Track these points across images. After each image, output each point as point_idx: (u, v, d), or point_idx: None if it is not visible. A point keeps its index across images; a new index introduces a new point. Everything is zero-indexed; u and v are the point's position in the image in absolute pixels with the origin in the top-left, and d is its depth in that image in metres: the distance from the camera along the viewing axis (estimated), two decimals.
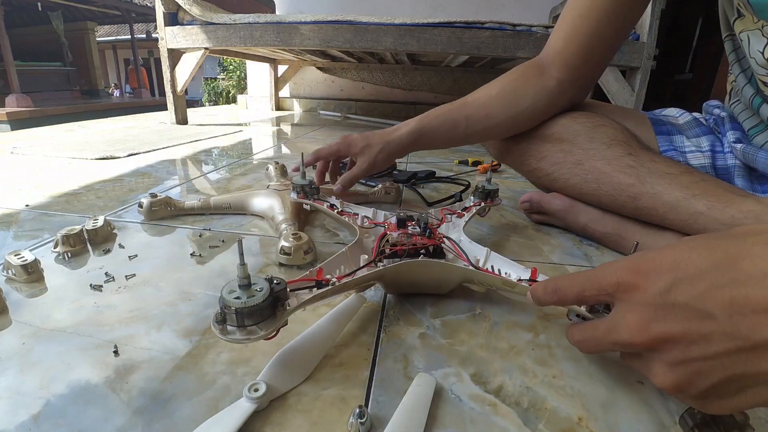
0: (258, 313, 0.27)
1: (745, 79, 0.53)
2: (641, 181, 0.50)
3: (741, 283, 0.19)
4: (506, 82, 0.60)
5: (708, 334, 0.20)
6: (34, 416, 0.26)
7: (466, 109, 0.60)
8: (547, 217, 0.65)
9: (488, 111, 0.59)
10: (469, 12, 2.33)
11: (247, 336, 0.26)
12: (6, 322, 0.36)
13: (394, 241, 0.41)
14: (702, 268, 0.21)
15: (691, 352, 0.20)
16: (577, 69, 0.57)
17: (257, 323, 0.27)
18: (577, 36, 0.55)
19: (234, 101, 4.33)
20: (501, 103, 0.59)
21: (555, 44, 0.58)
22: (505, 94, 0.59)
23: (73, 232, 0.50)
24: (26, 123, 3.62)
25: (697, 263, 0.21)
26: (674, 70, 3.14)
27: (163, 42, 1.60)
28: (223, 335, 0.26)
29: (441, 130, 0.60)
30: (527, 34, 1.35)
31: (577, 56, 0.56)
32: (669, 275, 0.21)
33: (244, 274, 0.27)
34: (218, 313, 0.27)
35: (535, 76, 0.59)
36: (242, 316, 0.26)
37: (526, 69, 0.60)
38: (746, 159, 0.53)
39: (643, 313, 0.22)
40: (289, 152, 1.26)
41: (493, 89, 0.60)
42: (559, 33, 0.57)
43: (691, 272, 0.21)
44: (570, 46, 0.56)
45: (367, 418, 0.26)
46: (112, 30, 9.59)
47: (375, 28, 1.40)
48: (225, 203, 0.64)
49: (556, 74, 0.57)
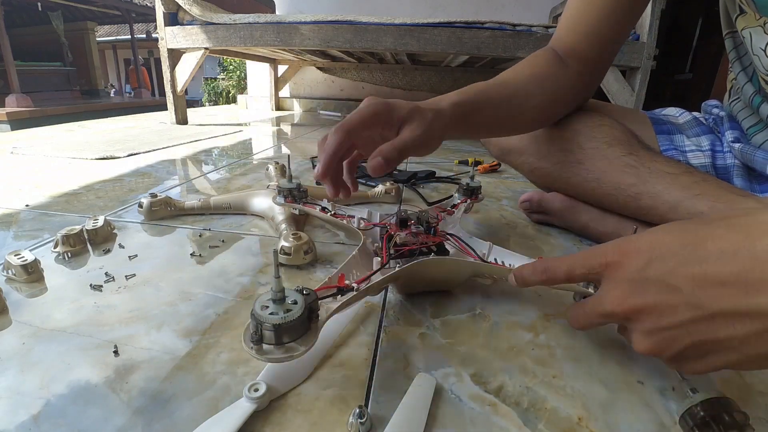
0: (296, 329, 0.25)
1: (745, 78, 0.53)
2: (642, 180, 0.50)
3: (703, 261, 0.22)
4: (535, 65, 0.52)
5: (675, 305, 0.23)
6: (34, 416, 0.26)
7: (505, 88, 0.49)
8: (547, 216, 0.65)
9: (527, 92, 0.50)
10: (469, 12, 2.33)
11: (287, 354, 0.25)
12: (6, 322, 0.36)
13: (402, 241, 0.41)
14: (673, 248, 0.23)
15: (661, 321, 0.23)
16: (592, 62, 0.53)
17: (295, 339, 0.25)
18: (589, 26, 0.51)
19: (234, 101, 4.34)
20: (538, 84, 0.51)
21: (568, 37, 0.53)
22: (540, 76, 0.51)
23: (73, 232, 0.50)
24: (26, 123, 3.62)
25: (669, 244, 0.24)
26: (674, 70, 3.14)
27: (163, 42, 1.60)
28: (260, 356, 0.24)
29: (485, 110, 0.47)
30: (527, 34, 1.35)
31: (591, 49, 0.52)
32: (646, 255, 0.24)
33: (278, 287, 0.25)
34: (253, 333, 0.24)
35: (559, 66, 0.52)
36: (280, 332, 0.24)
37: (549, 55, 0.53)
38: (744, 158, 0.53)
39: (623, 287, 0.25)
40: (289, 152, 1.26)
41: (524, 70, 0.51)
42: (572, 25, 0.53)
43: (663, 252, 0.24)
44: (581, 37, 0.52)
45: (367, 418, 0.26)
46: (112, 30, 9.59)
47: (375, 28, 1.40)
48: (225, 203, 0.64)
49: (575, 66, 0.53)
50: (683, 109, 0.64)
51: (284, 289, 0.25)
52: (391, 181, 0.76)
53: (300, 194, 0.53)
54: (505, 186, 0.92)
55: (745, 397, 0.31)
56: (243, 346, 0.25)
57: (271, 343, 0.25)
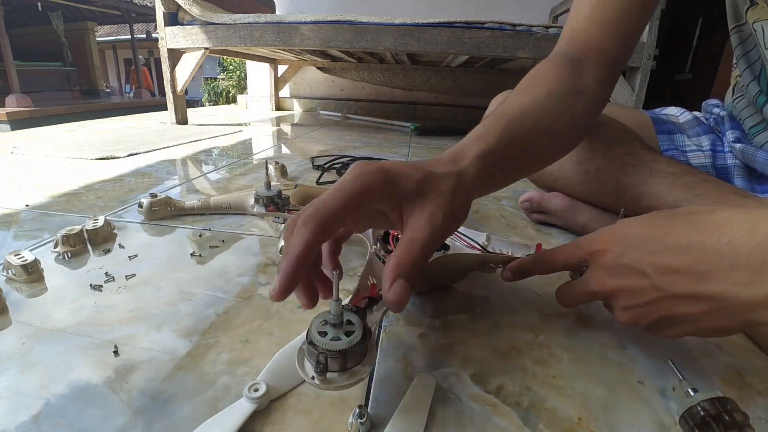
0: (358, 352, 0.24)
1: (750, 76, 0.51)
2: (643, 180, 0.50)
3: (663, 252, 0.27)
4: (549, 82, 0.42)
5: (644, 287, 0.28)
6: (34, 416, 0.26)
7: (527, 118, 0.38)
8: (547, 216, 0.65)
9: (550, 118, 0.39)
10: (469, 12, 2.33)
11: (354, 379, 0.24)
12: (6, 322, 0.36)
13: None
14: (642, 239, 0.28)
15: (634, 299, 0.29)
16: (615, 61, 0.45)
17: (359, 362, 0.24)
18: (610, 15, 0.44)
19: (234, 101, 4.34)
20: (557, 104, 0.40)
21: (584, 32, 0.45)
22: (559, 95, 0.41)
23: (73, 232, 0.50)
24: (26, 123, 3.62)
25: (640, 236, 0.28)
26: (674, 70, 3.14)
27: (163, 42, 1.60)
28: (326, 385, 0.23)
29: (514, 155, 0.36)
30: (527, 34, 1.35)
31: (614, 44, 0.44)
32: (622, 244, 0.29)
33: (337, 311, 0.24)
34: (316, 364, 0.23)
35: (574, 75, 0.43)
36: (345, 358, 0.23)
37: (559, 65, 0.44)
38: (745, 159, 0.53)
39: (605, 271, 0.30)
40: (289, 152, 1.26)
41: (539, 91, 0.41)
42: (588, 17, 0.45)
43: (634, 243, 0.29)
44: (600, 30, 0.44)
45: (366, 418, 0.26)
46: (112, 30, 9.59)
47: (375, 28, 1.40)
48: (225, 203, 0.64)
49: (593, 71, 0.43)
50: (684, 109, 0.64)
51: (343, 312, 0.24)
52: None
53: (282, 201, 0.49)
54: None
55: (745, 397, 0.31)
56: (302, 376, 0.23)
57: (335, 369, 0.23)
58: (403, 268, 0.25)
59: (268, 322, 0.37)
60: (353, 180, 0.26)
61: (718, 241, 0.24)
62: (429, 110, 2.57)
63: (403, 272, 0.25)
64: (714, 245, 0.24)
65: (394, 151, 1.31)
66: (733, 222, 0.24)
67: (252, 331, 0.36)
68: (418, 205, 0.28)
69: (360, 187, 0.26)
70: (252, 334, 0.36)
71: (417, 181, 0.28)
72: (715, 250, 0.24)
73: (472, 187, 0.31)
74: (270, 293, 0.24)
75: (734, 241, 0.24)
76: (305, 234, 0.25)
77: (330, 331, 0.24)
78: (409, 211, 0.28)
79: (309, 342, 0.24)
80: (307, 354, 0.24)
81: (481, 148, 0.33)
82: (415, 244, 0.27)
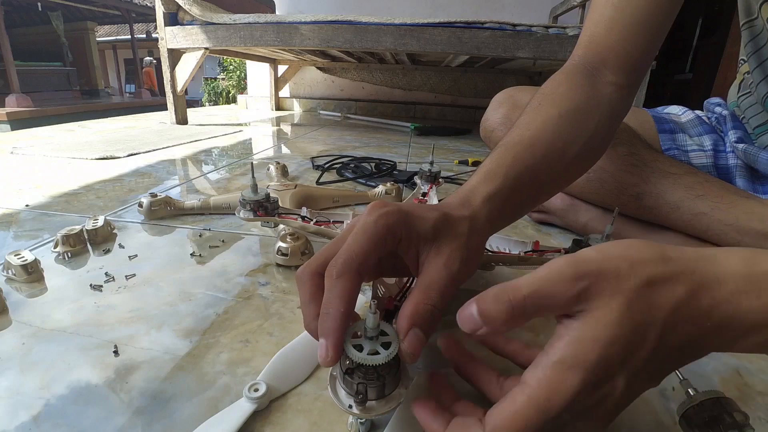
0: (396, 373, 0.23)
1: (762, 74, 0.50)
2: (644, 180, 0.50)
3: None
4: (562, 100, 0.39)
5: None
6: (34, 417, 0.26)
7: (537, 147, 0.35)
8: (547, 215, 0.65)
9: (564, 141, 0.36)
10: (469, 12, 2.33)
11: (395, 403, 0.22)
12: (6, 322, 0.36)
13: None
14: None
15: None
16: (636, 67, 0.42)
17: (396, 386, 0.23)
18: (635, 20, 0.40)
19: (234, 101, 4.34)
20: (571, 124, 0.37)
21: (605, 38, 0.42)
22: (569, 114, 0.38)
23: (73, 232, 0.50)
24: (26, 123, 3.62)
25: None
26: (674, 70, 3.14)
27: (163, 42, 1.59)
28: (367, 414, 0.22)
29: (524, 188, 0.34)
30: (527, 34, 1.35)
31: (637, 48, 0.41)
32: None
33: (374, 323, 0.22)
34: (356, 393, 0.21)
35: (589, 86, 0.40)
36: (383, 385, 0.22)
37: (573, 77, 0.41)
38: (748, 159, 0.52)
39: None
40: (289, 152, 1.26)
41: (550, 111, 0.38)
42: (610, 19, 0.41)
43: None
44: (622, 32, 0.41)
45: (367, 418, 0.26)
46: (112, 30, 9.59)
47: (375, 28, 1.40)
48: (225, 203, 0.64)
49: (612, 78, 0.41)
50: (686, 108, 0.64)
51: (379, 324, 0.22)
52: (391, 182, 0.76)
53: (272, 205, 0.47)
54: None
55: (745, 397, 0.31)
56: (339, 406, 0.22)
57: (374, 398, 0.22)
58: (419, 317, 0.24)
59: (268, 322, 0.37)
60: (376, 221, 0.25)
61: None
62: (429, 110, 2.58)
63: (419, 321, 0.24)
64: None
65: (394, 151, 1.31)
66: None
67: (252, 331, 0.36)
68: (435, 248, 0.27)
69: (383, 229, 0.25)
70: (252, 334, 0.36)
71: (433, 223, 0.27)
72: None
73: (484, 229, 0.30)
74: (321, 359, 0.22)
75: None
76: (345, 285, 0.23)
77: (366, 345, 0.22)
78: (425, 254, 0.27)
79: (346, 371, 0.22)
80: (341, 383, 0.23)
81: (488, 190, 0.32)
82: (431, 289, 0.25)
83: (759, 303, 0.18)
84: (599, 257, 0.20)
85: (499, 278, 0.47)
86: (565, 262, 0.20)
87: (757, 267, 0.19)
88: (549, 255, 0.40)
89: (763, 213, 0.42)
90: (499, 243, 0.43)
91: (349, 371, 0.22)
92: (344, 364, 0.23)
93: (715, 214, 0.44)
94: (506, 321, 0.20)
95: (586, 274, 0.19)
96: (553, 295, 0.20)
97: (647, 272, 0.19)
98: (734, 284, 0.19)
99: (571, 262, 0.20)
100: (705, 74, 2.71)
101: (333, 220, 0.49)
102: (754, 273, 0.19)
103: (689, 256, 0.20)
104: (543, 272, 0.20)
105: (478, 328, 0.21)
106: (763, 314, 0.18)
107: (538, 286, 0.20)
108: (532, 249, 0.40)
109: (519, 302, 0.20)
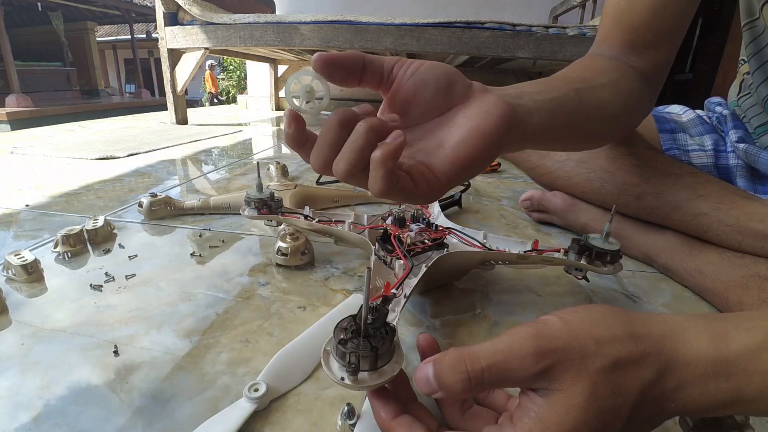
0: (389, 349, 0.24)
1: (762, 76, 0.50)
2: (645, 180, 0.50)
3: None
4: (607, 69, 0.39)
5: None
6: (34, 417, 0.26)
7: (590, 90, 0.35)
8: (547, 215, 0.65)
9: (606, 99, 0.36)
10: (469, 12, 2.33)
11: (387, 376, 0.23)
12: (6, 322, 0.36)
13: (413, 241, 0.41)
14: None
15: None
16: (658, 56, 0.42)
17: (388, 361, 0.24)
18: (652, 10, 0.40)
19: (234, 101, 4.33)
20: (615, 91, 0.37)
21: (632, 26, 0.41)
22: (616, 83, 0.38)
23: (73, 232, 0.50)
24: (26, 123, 3.62)
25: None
26: (674, 70, 3.13)
27: (163, 42, 1.59)
28: (359, 385, 0.22)
29: (575, 114, 0.33)
30: (527, 34, 1.35)
31: (666, 36, 0.41)
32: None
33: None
34: (348, 364, 0.22)
35: (628, 71, 0.40)
36: (376, 357, 0.23)
37: (609, 62, 0.41)
38: (748, 159, 0.52)
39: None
40: (289, 152, 1.26)
41: (598, 72, 0.38)
42: (625, 14, 0.41)
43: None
44: (648, 21, 0.41)
45: (357, 417, 0.26)
46: (112, 30, 9.59)
47: (375, 28, 1.40)
48: (225, 203, 0.64)
49: (641, 64, 0.41)
50: (687, 107, 0.63)
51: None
52: None
53: (276, 204, 0.47)
54: (505, 186, 0.92)
55: None
56: (332, 379, 0.23)
57: (366, 368, 0.23)
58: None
59: (268, 322, 0.37)
60: (426, 66, 0.27)
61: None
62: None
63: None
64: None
65: None
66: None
67: (252, 331, 0.36)
68: (472, 109, 0.26)
69: (437, 70, 0.26)
70: (252, 334, 0.36)
71: (470, 86, 0.27)
72: None
73: (530, 123, 0.28)
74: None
75: None
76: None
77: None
78: (461, 112, 0.26)
79: (339, 341, 0.23)
80: (335, 354, 0.23)
81: (543, 88, 0.31)
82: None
83: (727, 385, 0.18)
84: (565, 333, 0.19)
85: (499, 278, 0.47)
86: (528, 333, 0.19)
87: (725, 348, 0.19)
88: (548, 254, 0.40)
89: (764, 214, 0.42)
90: (499, 243, 0.43)
91: (343, 341, 0.23)
92: (338, 336, 0.23)
93: (715, 214, 0.44)
94: (463, 391, 0.19)
95: (550, 351, 0.19)
96: (513, 370, 0.19)
97: (614, 353, 0.18)
98: (703, 367, 0.19)
99: (534, 335, 0.19)
100: (705, 74, 2.71)
101: (335, 219, 0.49)
102: (723, 355, 0.19)
103: (658, 332, 0.19)
104: (504, 344, 0.19)
105: (434, 393, 0.20)
106: (731, 395, 0.18)
107: (498, 359, 0.19)
108: (532, 248, 0.41)
109: (477, 374, 0.19)
